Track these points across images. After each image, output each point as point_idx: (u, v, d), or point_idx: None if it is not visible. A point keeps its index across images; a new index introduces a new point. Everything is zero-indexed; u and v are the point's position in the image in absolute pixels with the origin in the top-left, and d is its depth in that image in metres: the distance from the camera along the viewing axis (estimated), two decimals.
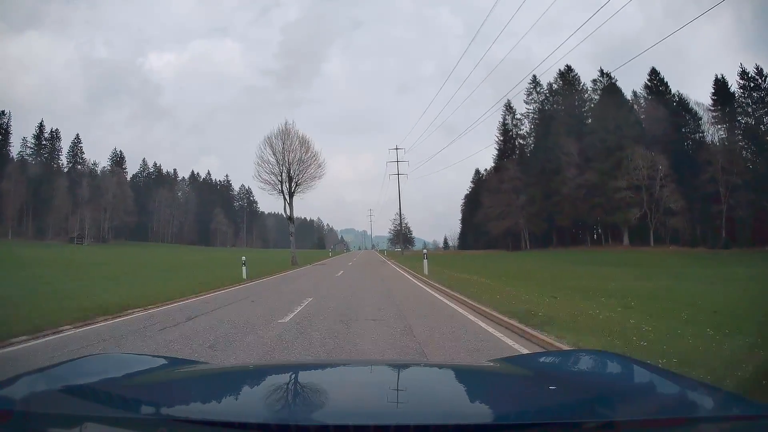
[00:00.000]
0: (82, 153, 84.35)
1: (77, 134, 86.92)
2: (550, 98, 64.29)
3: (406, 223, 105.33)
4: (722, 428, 0.93)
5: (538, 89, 64.58)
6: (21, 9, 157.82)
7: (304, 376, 1.48)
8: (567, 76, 62.29)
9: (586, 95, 61.73)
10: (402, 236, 68.53)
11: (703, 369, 3.50)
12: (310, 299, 9.86)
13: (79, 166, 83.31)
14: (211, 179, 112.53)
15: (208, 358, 4.45)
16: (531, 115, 63.94)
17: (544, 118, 61.29)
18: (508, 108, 66.47)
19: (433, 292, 11.44)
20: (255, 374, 1.58)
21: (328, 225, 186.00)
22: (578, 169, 52.43)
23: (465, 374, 1.53)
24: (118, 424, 0.94)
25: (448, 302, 9.33)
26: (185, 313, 8.02)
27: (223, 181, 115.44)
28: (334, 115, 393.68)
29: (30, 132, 79.78)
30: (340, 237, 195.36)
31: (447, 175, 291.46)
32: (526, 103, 64.47)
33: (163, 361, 1.66)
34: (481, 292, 9.73)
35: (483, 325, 6.52)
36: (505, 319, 6.51)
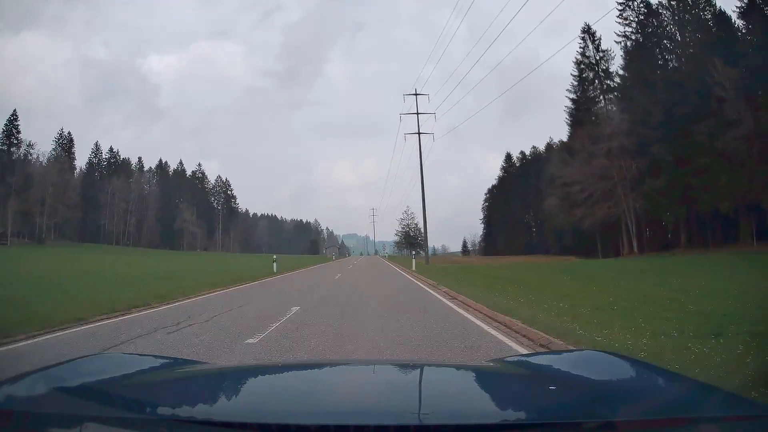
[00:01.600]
0: (18, 133, 66.97)
1: (14, 110, 69.74)
2: (649, 20, 41.47)
3: (416, 224, 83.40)
4: (722, 428, 0.93)
5: (635, 4, 41.67)
6: (18, 8, 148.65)
7: (304, 376, 1.49)
8: None
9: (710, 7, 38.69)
10: (425, 230, 45.67)
11: None
12: None
13: (13, 149, 65.75)
14: (183, 169, 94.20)
15: None
16: (633, 36, 40.63)
17: (652, 42, 38.35)
18: (588, 33, 43.70)
19: None
20: (255, 374, 1.56)
21: (328, 229, 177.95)
22: (743, 109, 29.46)
23: (465, 374, 1.52)
24: (118, 424, 0.93)
25: None
26: None
27: (196, 171, 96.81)
28: (336, 118, 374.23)
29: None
30: (340, 241, 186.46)
31: (448, 179, 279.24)
32: (620, 23, 41.68)
33: (163, 361, 1.62)
34: None
35: None
36: None
